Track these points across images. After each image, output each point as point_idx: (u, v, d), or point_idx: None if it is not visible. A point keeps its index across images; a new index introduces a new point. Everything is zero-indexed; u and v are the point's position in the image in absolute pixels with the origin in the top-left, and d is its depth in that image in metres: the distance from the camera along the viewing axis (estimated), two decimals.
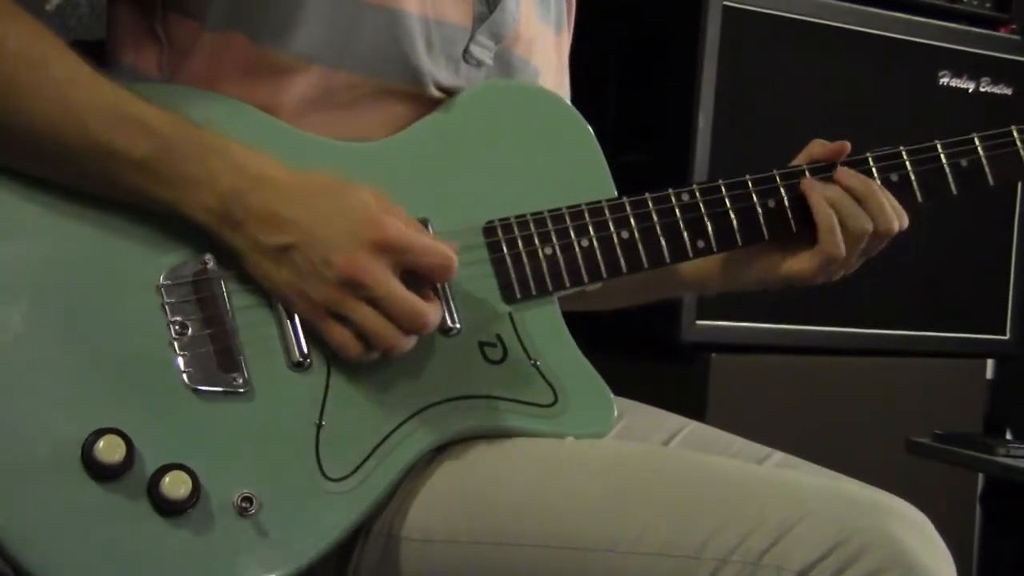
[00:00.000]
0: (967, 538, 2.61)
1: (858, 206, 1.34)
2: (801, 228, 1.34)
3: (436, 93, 1.28)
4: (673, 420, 1.46)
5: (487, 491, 1.16)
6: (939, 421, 2.38)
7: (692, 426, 1.44)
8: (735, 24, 2.31)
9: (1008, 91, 2.57)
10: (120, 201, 1.14)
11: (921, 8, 2.51)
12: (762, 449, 1.39)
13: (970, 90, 2.54)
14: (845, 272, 1.40)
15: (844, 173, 1.36)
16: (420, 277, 1.15)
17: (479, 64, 1.31)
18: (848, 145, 1.38)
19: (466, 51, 1.30)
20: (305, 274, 1.11)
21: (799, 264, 1.37)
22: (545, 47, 1.41)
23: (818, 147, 1.39)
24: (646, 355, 2.38)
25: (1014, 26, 2.59)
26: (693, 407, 2.19)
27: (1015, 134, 1.41)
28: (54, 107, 1.11)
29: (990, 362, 2.69)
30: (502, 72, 1.34)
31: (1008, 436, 2.64)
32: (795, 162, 1.39)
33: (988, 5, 2.57)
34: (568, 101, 1.44)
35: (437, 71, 1.27)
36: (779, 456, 1.37)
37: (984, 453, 2.21)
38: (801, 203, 1.34)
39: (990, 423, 2.63)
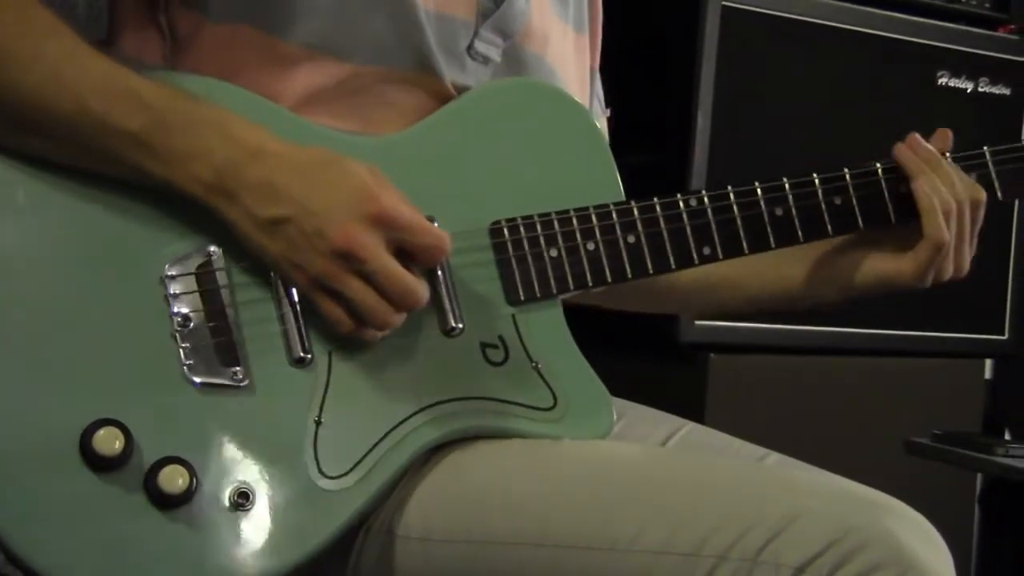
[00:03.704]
0: (966, 538, 2.61)
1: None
2: (812, 234, 1.31)
3: (449, 87, 1.27)
4: (670, 421, 1.45)
5: (485, 490, 1.16)
6: (938, 421, 2.37)
7: (689, 427, 1.44)
8: (734, 24, 2.31)
9: (1007, 91, 2.57)
10: (122, 179, 1.13)
11: (920, 8, 2.51)
12: (759, 450, 1.38)
13: (969, 90, 2.54)
14: (955, 273, 1.36)
15: (912, 142, 1.34)
16: (412, 258, 1.14)
17: (486, 61, 1.30)
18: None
19: (470, 47, 1.28)
20: (299, 247, 1.11)
21: (901, 262, 1.34)
22: (562, 45, 1.39)
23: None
24: (645, 355, 2.38)
25: (1013, 26, 2.59)
26: (692, 407, 2.19)
27: None
28: (50, 80, 1.11)
29: (988, 362, 2.69)
30: (513, 70, 1.32)
31: (1007, 436, 2.64)
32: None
33: (987, 5, 2.57)
34: (590, 104, 1.44)
35: (445, 66, 1.26)
36: (776, 457, 1.36)
37: (983, 453, 2.21)
38: (811, 213, 1.30)
39: (989, 423, 2.63)
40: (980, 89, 2.54)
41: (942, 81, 2.52)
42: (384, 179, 1.14)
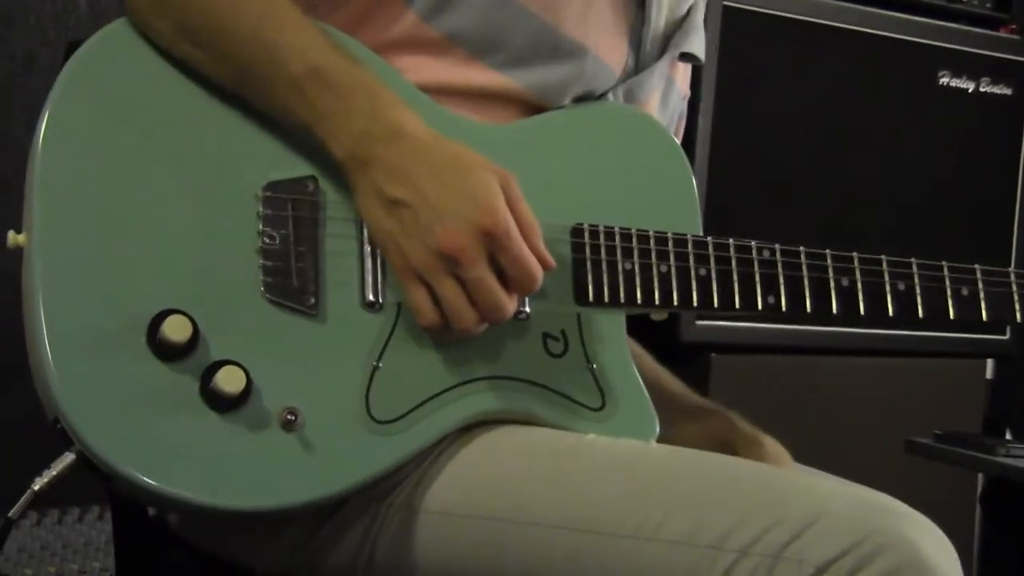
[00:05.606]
0: (967, 538, 2.61)
1: None
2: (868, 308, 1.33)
3: None
4: None
5: (512, 470, 1.18)
6: (939, 421, 2.38)
7: None
8: (735, 24, 2.31)
9: (1008, 91, 2.57)
10: (262, 110, 1.18)
11: (921, 8, 2.51)
12: None
13: (970, 90, 2.54)
14: None
15: None
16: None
17: None
18: None
19: (602, 97, 1.33)
20: (408, 232, 1.14)
21: None
22: None
23: None
24: None
25: (1014, 26, 2.59)
26: None
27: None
28: (236, 4, 1.17)
29: (990, 362, 2.69)
30: None
31: (1008, 436, 2.64)
32: None
33: (988, 5, 2.58)
34: None
35: (569, 98, 1.30)
36: None
37: (984, 453, 2.22)
38: (875, 290, 1.32)
39: (990, 423, 2.64)
40: (981, 89, 2.55)
41: (943, 81, 2.52)
42: (517, 191, 1.17)
